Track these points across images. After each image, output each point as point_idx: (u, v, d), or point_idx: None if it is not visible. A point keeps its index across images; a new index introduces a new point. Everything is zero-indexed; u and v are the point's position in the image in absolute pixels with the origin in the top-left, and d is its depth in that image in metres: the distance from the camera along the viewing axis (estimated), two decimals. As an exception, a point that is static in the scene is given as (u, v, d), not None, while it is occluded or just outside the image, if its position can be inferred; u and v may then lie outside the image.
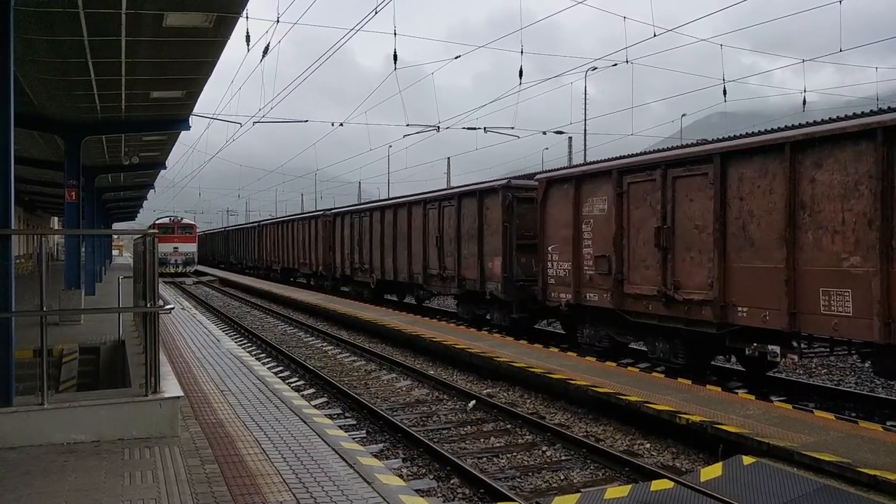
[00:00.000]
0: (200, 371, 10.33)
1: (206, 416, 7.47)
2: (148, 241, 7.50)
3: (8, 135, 6.67)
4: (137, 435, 6.40)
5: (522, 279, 15.91)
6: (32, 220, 43.34)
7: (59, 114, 14.84)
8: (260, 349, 17.02)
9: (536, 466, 7.84)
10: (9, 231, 6.72)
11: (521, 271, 16.04)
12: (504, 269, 16.21)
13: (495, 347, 13.45)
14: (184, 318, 17.64)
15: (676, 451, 8.27)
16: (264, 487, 5.27)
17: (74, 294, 15.24)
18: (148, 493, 5.07)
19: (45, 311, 6.59)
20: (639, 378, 10.55)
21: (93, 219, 26.33)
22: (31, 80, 12.05)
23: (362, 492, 5.21)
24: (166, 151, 22.41)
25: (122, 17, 9.07)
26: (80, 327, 13.98)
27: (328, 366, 14.50)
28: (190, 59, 11.34)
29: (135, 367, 9.14)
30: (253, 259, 46.71)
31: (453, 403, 10.89)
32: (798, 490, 6.21)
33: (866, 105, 18.35)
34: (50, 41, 10.07)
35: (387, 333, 17.33)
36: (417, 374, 13.00)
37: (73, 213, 15.81)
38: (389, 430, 9.31)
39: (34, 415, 6.17)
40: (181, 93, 13.64)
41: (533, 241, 15.30)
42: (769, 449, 6.97)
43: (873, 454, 6.67)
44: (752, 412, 8.32)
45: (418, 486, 7.00)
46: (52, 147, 18.80)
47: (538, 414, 10.03)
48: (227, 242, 59.59)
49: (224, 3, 8.91)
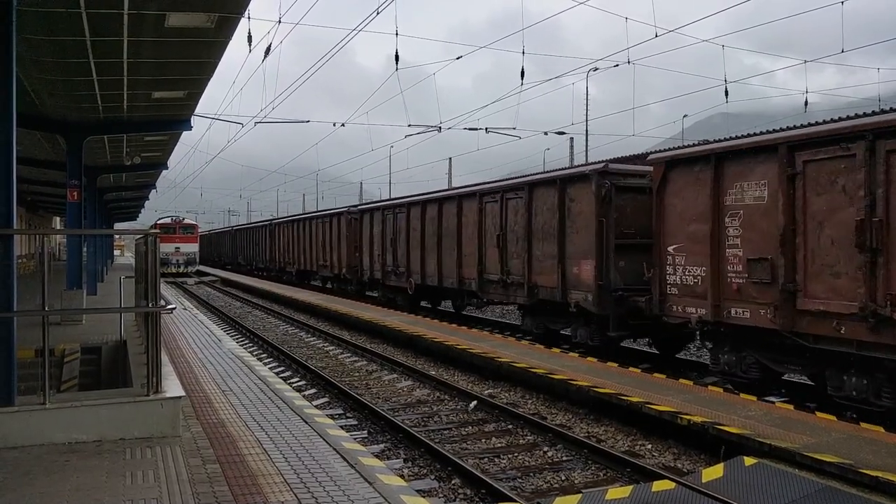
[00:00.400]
0: (202, 371, 10.33)
1: (208, 416, 7.48)
2: (149, 241, 7.51)
3: (10, 135, 6.68)
4: (139, 435, 6.40)
5: (621, 288, 12.89)
6: (34, 220, 43.42)
7: (61, 114, 14.86)
8: (261, 349, 17.03)
9: (538, 467, 7.84)
10: (11, 231, 6.73)
11: (620, 278, 12.96)
12: (598, 276, 13.03)
13: (497, 348, 13.44)
14: (185, 318, 17.65)
15: (678, 451, 8.27)
16: (266, 487, 5.27)
17: (76, 294, 15.27)
18: (149, 493, 5.07)
19: (47, 310, 6.60)
20: (640, 379, 10.54)
21: (94, 219, 26.35)
22: (33, 81, 12.07)
23: (364, 492, 5.21)
24: (168, 152, 22.44)
25: (125, 18, 9.09)
26: (82, 327, 13.99)
27: (329, 366, 14.51)
28: (192, 60, 11.36)
29: (136, 367, 9.15)
30: (264, 260, 44.06)
31: (455, 404, 10.89)
32: (800, 491, 6.21)
33: (868, 106, 18.34)
34: (52, 41, 10.08)
35: (388, 334, 17.33)
36: (419, 374, 13.00)
37: (75, 213, 15.84)
38: (391, 430, 9.31)
39: (36, 414, 6.17)
40: (183, 93, 13.66)
41: (634, 241, 12.85)
42: (771, 450, 6.96)
43: (875, 455, 6.66)
44: (754, 413, 8.31)
45: (419, 486, 7.00)
46: (54, 147, 18.83)
47: (539, 414, 10.03)
48: (235, 242, 57.66)
49: (226, 3, 8.92)
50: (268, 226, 44.12)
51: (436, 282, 19.71)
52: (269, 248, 42.68)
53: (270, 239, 42.39)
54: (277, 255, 40.44)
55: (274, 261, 41.27)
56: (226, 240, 64.10)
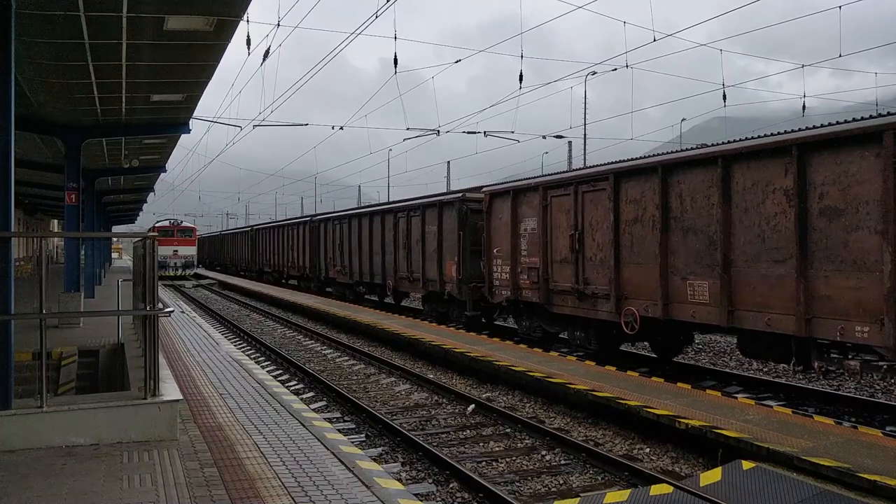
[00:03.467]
0: (199, 374, 10.32)
1: (205, 420, 7.47)
2: (148, 244, 7.50)
3: (8, 137, 6.68)
4: (136, 438, 6.39)
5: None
6: (32, 223, 43.34)
7: (60, 116, 14.85)
8: (259, 352, 17.01)
9: (535, 471, 7.84)
10: (9, 234, 6.73)
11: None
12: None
13: (495, 351, 13.43)
14: (183, 322, 17.62)
15: (676, 455, 8.26)
16: (263, 491, 5.26)
17: (74, 297, 15.24)
18: (146, 497, 5.06)
19: (45, 313, 6.59)
20: (638, 382, 10.53)
21: (92, 222, 26.33)
22: (31, 83, 12.07)
23: (361, 496, 5.20)
24: (166, 155, 22.43)
25: (123, 21, 9.09)
26: (80, 330, 13.97)
27: (327, 369, 14.49)
28: (190, 63, 11.36)
29: (134, 371, 9.14)
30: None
31: (452, 407, 10.88)
32: (798, 495, 6.20)
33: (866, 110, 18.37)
34: (51, 44, 10.08)
35: (386, 337, 17.32)
36: (417, 377, 12.99)
37: (73, 215, 15.81)
38: (388, 433, 9.30)
39: (33, 417, 6.16)
40: (181, 96, 13.66)
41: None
42: (769, 454, 6.96)
43: (872, 459, 6.66)
44: (752, 417, 8.31)
45: (417, 490, 6.99)
46: (52, 150, 18.81)
47: (537, 418, 10.02)
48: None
49: (225, 6, 8.92)
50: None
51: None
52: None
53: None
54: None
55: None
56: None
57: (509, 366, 11.86)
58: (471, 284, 17.58)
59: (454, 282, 18.26)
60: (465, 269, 17.82)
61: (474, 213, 17.79)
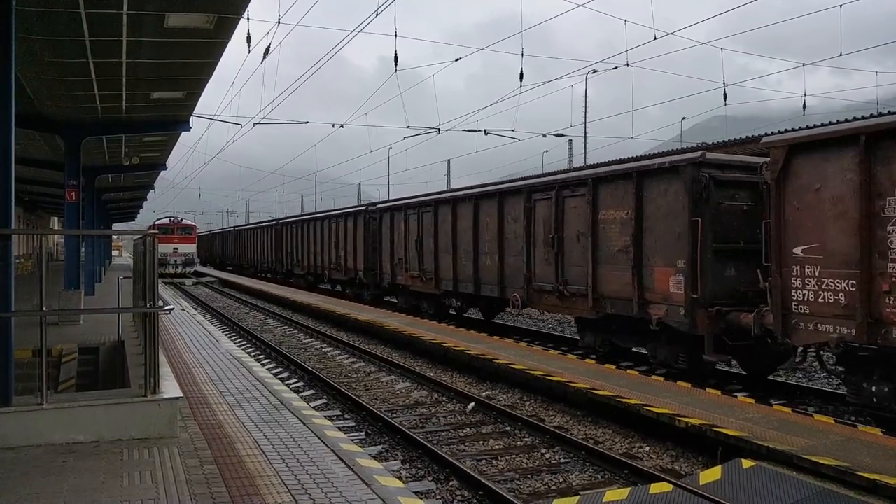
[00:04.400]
0: (200, 372, 10.32)
1: (205, 417, 7.47)
2: (148, 241, 7.50)
3: (8, 135, 6.67)
4: (136, 435, 6.39)
5: None
6: (32, 221, 43.34)
7: (60, 114, 14.84)
8: (259, 350, 17.02)
9: (535, 469, 7.84)
10: (9, 231, 6.72)
11: None
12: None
13: (495, 350, 13.44)
14: (183, 319, 17.63)
15: (676, 454, 8.27)
16: (263, 489, 5.26)
17: (74, 294, 15.24)
18: (147, 494, 5.06)
19: (45, 311, 6.59)
20: (638, 381, 10.54)
21: (93, 219, 26.32)
22: (31, 81, 12.06)
23: (361, 493, 5.20)
24: (166, 152, 22.42)
25: (124, 18, 9.08)
26: (80, 327, 13.97)
27: (327, 367, 14.49)
28: (191, 60, 11.35)
29: (134, 368, 9.14)
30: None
31: (452, 405, 10.89)
32: (797, 494, 6.21)
33: (867, 110, 18.37)
34: (51, 41, 10.08)
35: (386, 335, 17.32)
36: (417, 375, 12.99)
37: (73, 213, 15.82)
38: (389, 431, 9.30)
39: (33, 415, 6.17)
40: (182, 94, 13.65)
41: None
42: (768, 452, 6.97)
43: (872, 458, 6.67)
44: (752, 416, 8.31)
45: (417, 488, 7.00)
46: (52, 147, 18.80)
47: (537, 416, 10.02)
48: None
49: (225, 4, 8.91)
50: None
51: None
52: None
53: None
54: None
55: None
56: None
57: (509, 364, 11.87)
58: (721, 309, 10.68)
59: (681, 305, 11.05)
60: (705, 281, 10.79)
61: (720, 187, 10.96)
